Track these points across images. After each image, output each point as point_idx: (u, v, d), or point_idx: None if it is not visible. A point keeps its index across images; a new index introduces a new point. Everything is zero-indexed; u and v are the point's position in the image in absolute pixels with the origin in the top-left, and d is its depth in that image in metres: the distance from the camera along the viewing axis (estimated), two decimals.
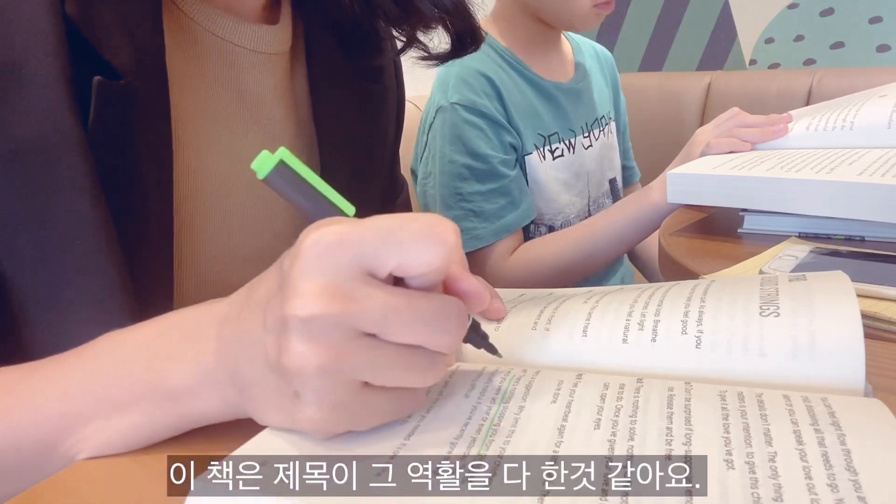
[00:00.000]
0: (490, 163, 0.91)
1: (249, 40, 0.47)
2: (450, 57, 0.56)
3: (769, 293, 0.34)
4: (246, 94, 0.48)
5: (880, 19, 1.71)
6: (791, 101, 1.55)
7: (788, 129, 0.81)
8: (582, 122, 1.03)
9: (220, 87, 0.47)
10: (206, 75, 0.46)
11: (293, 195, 0.28)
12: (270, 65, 0.50)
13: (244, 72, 0.48)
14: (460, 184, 0.93)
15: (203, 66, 0.45)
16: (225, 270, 0.47)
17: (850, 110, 0.78)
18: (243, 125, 0.48)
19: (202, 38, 0.45)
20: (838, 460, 0.23)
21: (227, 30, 0.46)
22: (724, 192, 0.69)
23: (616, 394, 0.29)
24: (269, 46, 0.49)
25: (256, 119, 0.49)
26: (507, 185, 0.92)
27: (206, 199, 0.45)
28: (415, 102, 1.36)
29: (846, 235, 0.64)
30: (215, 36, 0.46)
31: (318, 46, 0.52)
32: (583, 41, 1.13)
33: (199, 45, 0.45)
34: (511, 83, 0.96)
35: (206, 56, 0.46)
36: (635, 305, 0.35)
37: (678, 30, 2.04)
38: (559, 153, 0.99)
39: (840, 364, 0.29)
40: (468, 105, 0.92)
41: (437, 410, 0.30)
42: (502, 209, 0.92)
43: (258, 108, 0.49)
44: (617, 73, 1.17)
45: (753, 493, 0.22)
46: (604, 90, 1.11)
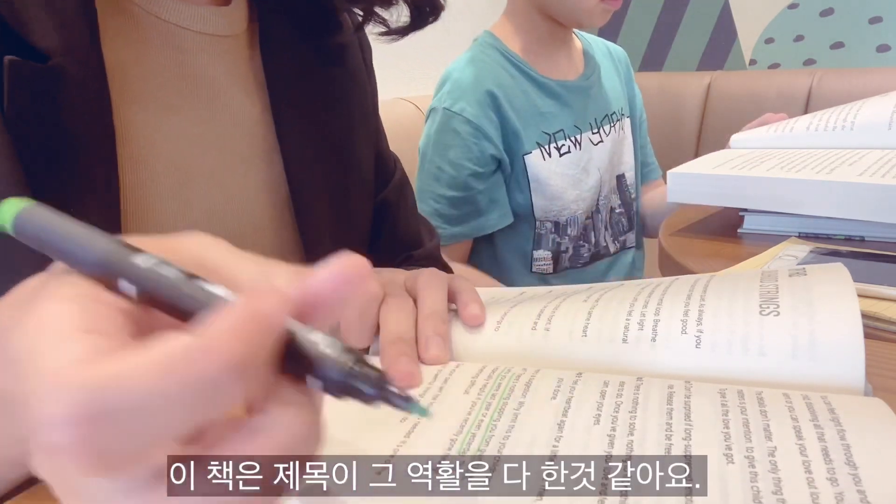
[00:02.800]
0: (461, 173, 0.96)
1: (195, 22, 0.46)
2: (410, 29, 0.54)
3: (769, 290, 0.34)
4: (197, 78, 0.46)
5: (880, 19, 1.71)
6: (791, 101, 1.55)
7: (789, 128, 0.81)
8: (591, 118, 1.05)
9: (168, 72, 0.45)
10: (151, 59, 0.44)
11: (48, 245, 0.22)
12: (222, 48, 0.48)
13: (192, 55, 0.46)
14: (433, 182, 0.98)
15: (147, 49, 0.44)
16: None
17: (850, 110, 0.78)
18: (198, 111, 0.46)
19: (144, 21, 0.44)
20: (838, 455, 0.23)
21: (171, 11, 0.44)
22: (725, 191, 0.69)
23: (616, 391, 0.29)
24: (219, 28, 0.47)
25: (211, 106, 0.47)
26: (474, 196, 0.97)
27: (159, 188, 0.43)
28: (415, 102, 1.36)
29: (846, 235, 0.64)
30: (158, 18, 0.44)
31: (273, 28, 0.50)
32: (594, 40, 1.14)
33: (141, 28, 0.44)
34: (515, 87, 0.98)
35: (150, 40, 0.44)
36: (635, 304, 0.35)
37: (678, 30, 2.04)
38: (565, 150, 1.01)
39: (840, 363, 0.29)
40: (456, 112, 0.96)
41: (437, 407, 0.30)
42: (464, 216, 0.98)
43: (212, 95, 0.47)
44: (631, 69, 1.18)
45: (753, 487, 0.22)
46: (616, 87, 1.12)
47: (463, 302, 0.39)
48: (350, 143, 0.56)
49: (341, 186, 0.54)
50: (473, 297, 0.39)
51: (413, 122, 1.30)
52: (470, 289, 0.40)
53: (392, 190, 0.62)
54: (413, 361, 0.34)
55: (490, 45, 1.01)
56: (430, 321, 0.36)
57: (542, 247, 1.02)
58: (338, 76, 0.55)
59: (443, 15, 0.56)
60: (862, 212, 0.60)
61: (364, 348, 0.38)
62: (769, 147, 0.80)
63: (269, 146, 0.50)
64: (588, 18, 0.96)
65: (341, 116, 0.55)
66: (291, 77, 0.51)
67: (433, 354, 0.35)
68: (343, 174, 0.54)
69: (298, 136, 0.51)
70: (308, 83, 0.52)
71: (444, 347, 0.35)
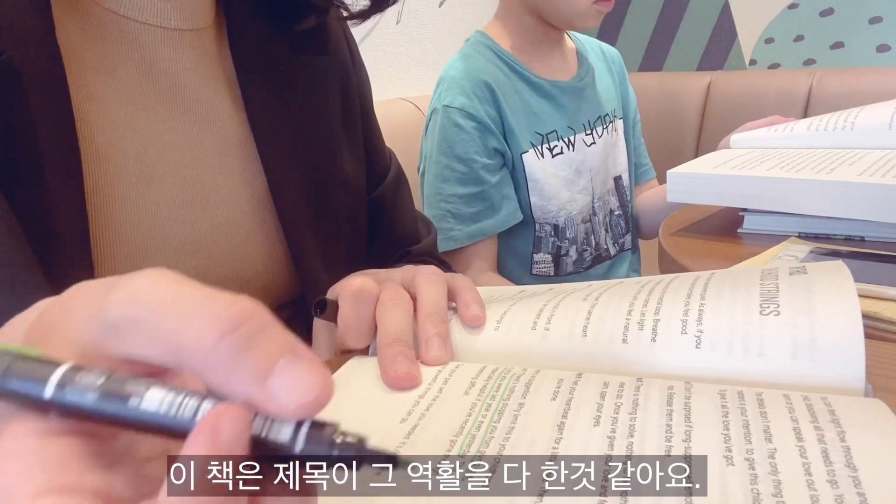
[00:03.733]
0: (472, 167, 0.94)
1: (154, 16, 0.45)
2: (370, 12, 0.53)
3: (769, 289, 0.34)
4: (160, 74, 0.45)
5: (880, 19, 1.71)
6: (791, 101, 1.55)
7: (790, 128, 0.81)
8: (584, 119, 1.04)
9: (129, 68, 0.44)
10: (111, 55, 0.43)
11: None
12: (185, 42, 0.46)
13: (154, 50, 0.45)
14: (442, 184, 0.96)
15: (106, 45, 0.43)
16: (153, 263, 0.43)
17: (851, 113, 0.78)
18: (162, 107, 0.45)
19: (102, 16, 0.43)
20: (838, 457, 0.23)
21: (129, 7, 0.44)
22: (725, 191, 0.69)
23: (616, 392, 0.29)
24: (180, 22, 0.46)
25: (177, 101, 0.46)
26: (487, 191, 0.95)
27: (126, 187, 0.42)
28: (415, 102, 1.36)
29: (846, 235, 0.64)
30: (116, 14, 0.43)
31: (241, 20, 0.49)
32: (588, 41, 1.14)
33: (100, 24, 0.43)
34: (508, 85, 0.98)
35: (109, 35, 0.43)
36: (635, 304, 0.35)
37: (678, 30, 2.04)
38: (558, 151, 1.01)
39: (840, 363, 0.29)
40: (459, 108, 0.95)
41: (437, 408, 0.30)
42: (479, 214, 0.96)
43: (178, 89, 0.46)
44: (625, 70, 1.18)
45: (753, 490, 0.22)
46: (610, 88, 1.11)
47: (464, 301, 0.38)
48: (329, 137, 0.55)
49: (322, 181, 0.53)
50: (474, 296, 0.39)
51: (413, 122, 1.30)
52: (470, 287, 0.40)
53: (388, 186, 0.61)
54: (411, 362, 0.34)
55: (482, 44, 1.00)
56: (431, 321, 0.36)
57: (542, 250, 1.01)
58: (317, 66, 0.54)
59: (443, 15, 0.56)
60: (862, 211, 0.60)
61: (363, 348, 0.38)
62: (769, 147, 0.80)
63: (243, 141, 0.49)
64: (581, 20, 0.95)
65: (321, 111, 0.54)
66: (263, 69, 0.50)
67: (434, 355, 0.35)
68: (323, 168, 0.53)
69: (274, 130, 0.50)
70: (281, 75, 0.51)
71: (444, 348, 0.35)
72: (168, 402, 0.16)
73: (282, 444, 0.16)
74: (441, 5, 1.69)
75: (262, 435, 0.16)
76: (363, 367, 0.36)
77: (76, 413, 0.16)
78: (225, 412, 0.16)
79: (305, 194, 0.51)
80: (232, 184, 0.48)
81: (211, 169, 0.47)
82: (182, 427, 0.16)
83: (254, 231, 0.49)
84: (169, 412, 0.16)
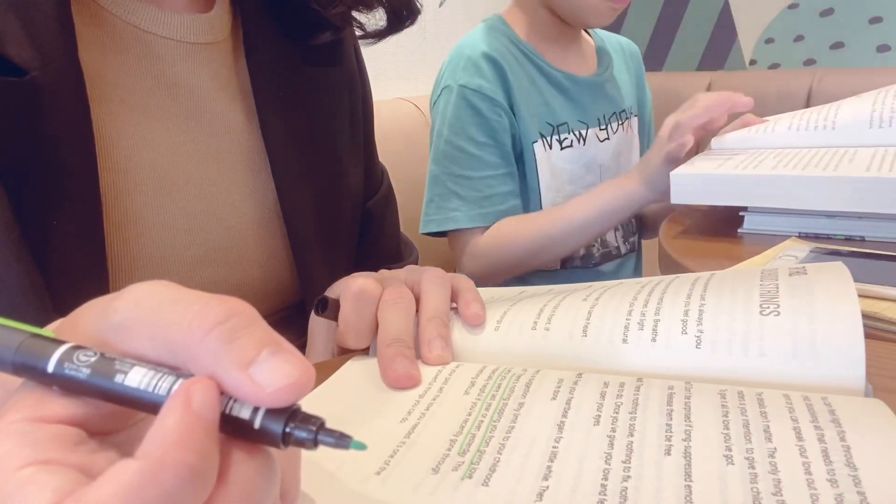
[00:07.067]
0: (484, 151, 0.93)
1: (174, 30, 0.46)
2: (387, 33, 0.54)
3: (769, 289, 0.34)
4: (178, 87, 0.46)
5: (880, 19, 1.71)
6: (791, 101, 1.55)
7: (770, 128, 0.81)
8: (599, 114, 1.03)
9: (147, 81, 0.45)
10: (130, 69, 0.44)
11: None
12: (204, 55, 0.47)
13: (173, 64, 0.46)
14: (451, 165, 0.95)
15: (125, 59, 0.44)
16: (169, 274, 0.44)
17: (829, 111, 0.78)
18: (179, 120, 0.46)
19: (122, 30, 0.44)
20: (838, 456, 0.23)
21: (149, 20, 0.44)
22: (728, 190, 0.69)
23: (616, 391, 0.29)
24: (199, 36, 0.47)
25: (193, 113, 0.47)
26: (497, 177, 0.94)
27: (142, 197, 0.43)
28: (415, 102, 1.36)
29: (846, 235, 0.64)
30: (137, 28, 0.44)
31: (257, 33, 0.50)
32: (608, 35, 1.13)
33: (119, 38, 0.44)
34: (521, 70, 0.97)
35: (129, 49, 0.44)
36: (635, 304, 0.35)
37: (678, 30, 2.04)
38: (567, 143, 1.00)
39: (840, 364, 0.29)
40: (475, 88, 0.93)
41: (437, 407, 0.30)
42: (485, 199, 0.94)
43: (195, 102, 0.47)
44: (643, 67, 1.17)
45: (753, 489, 0.22)
46: (627, 84, 1.11)
47: (465, 301, 0.39)
48: (338, 149, 0.55)
49: (329, 192, 0.54)
50: (475, 296, 0.39)
51: (413, 122, 1.30)
52: (472, 288, 0.40)
53: (377, 202, 0.62)
54: (411, 362, 0.34)
55: (499, 30, 0.99)
56: (433, 324, 0.36)
57: None
58: (328, 78, 0.54)
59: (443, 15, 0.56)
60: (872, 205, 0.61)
61: (364, 348, 0.38)
62: (750, 148, 0.80)
63: (256, 153, 0.50)
64: (595, 17, 0.95)
65: (330, 122, 0.55)
66: (278, 83, 0.50)
67: (437, 354, 0.35)
68: (331, 180, 0.54)
69: (285, 142, 0.50)
70: (296, 89, 0.52)
71: (446, 349, 0.36)
72: (149, 378, 0.18)
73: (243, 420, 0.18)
74: (441, 5, 1.70)
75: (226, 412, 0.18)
76: (363, 367, 0.36)
77: (72, 386, 0.18)
78: (197, 381, 0.17)
79: (313, 205, 0.52)
80: (243, 193, 0.48)
81: (225, 180, 0.47)
82: (160, 401, 0.17)
83: (263, 240, 0.49)
84: (149, 387, 0.18)
